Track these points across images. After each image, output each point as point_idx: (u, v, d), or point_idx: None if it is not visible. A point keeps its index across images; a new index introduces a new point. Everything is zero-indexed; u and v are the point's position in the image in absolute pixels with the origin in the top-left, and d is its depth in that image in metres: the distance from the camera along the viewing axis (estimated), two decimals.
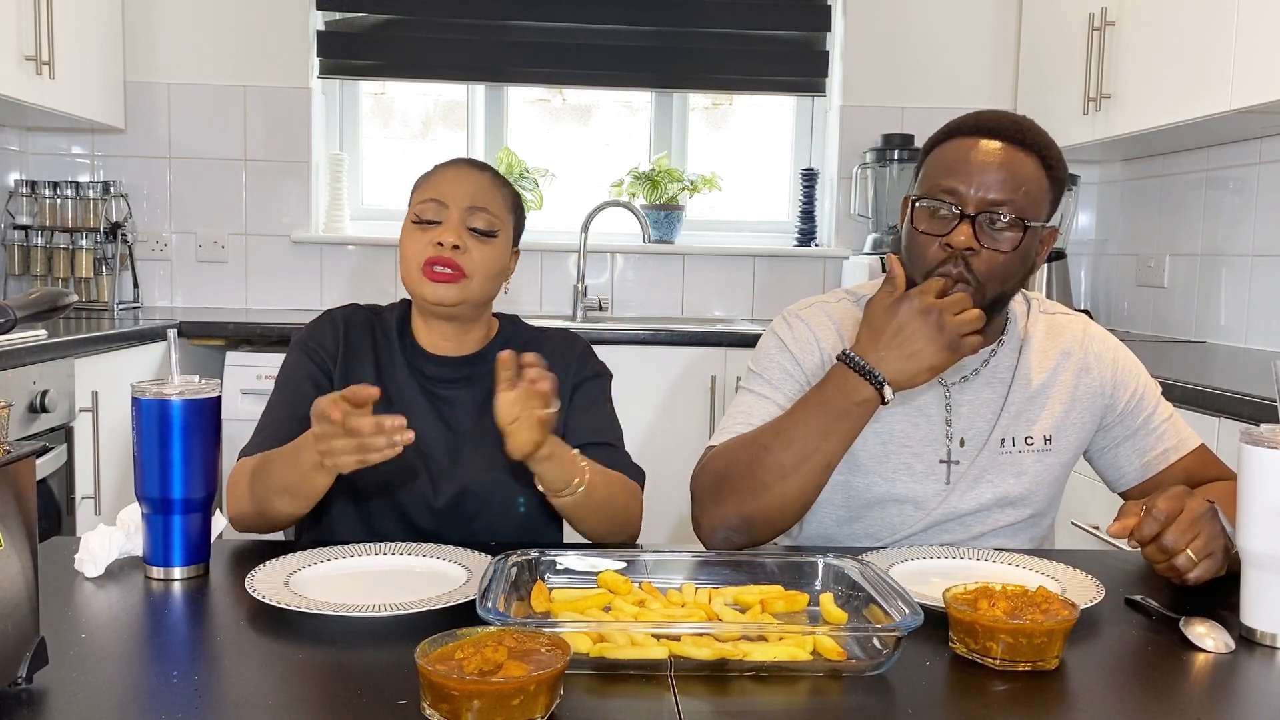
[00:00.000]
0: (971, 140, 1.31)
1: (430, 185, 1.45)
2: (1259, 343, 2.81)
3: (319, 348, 1.47)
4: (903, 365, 1.22)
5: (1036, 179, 1.31)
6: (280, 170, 3.52)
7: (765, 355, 1.45)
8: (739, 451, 1.32)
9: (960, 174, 1.29)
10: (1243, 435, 1.03)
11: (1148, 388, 1.45)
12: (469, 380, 1.47)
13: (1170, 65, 2.64)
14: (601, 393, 1.51)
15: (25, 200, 3.27)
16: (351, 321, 1.50)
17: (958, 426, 1.40)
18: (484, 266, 1.42)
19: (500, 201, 1.46)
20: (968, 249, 1.28)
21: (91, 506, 2.52)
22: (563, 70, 3.57)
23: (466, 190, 1.43)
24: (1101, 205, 3.62)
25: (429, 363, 1.47)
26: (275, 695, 0.88)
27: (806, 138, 3.79)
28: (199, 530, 1.16)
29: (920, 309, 1.22)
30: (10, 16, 2.66)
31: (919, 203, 1.32)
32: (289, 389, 1.44)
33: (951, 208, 1.29)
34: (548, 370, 1.19)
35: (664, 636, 0.92)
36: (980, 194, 1.28)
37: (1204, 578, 1.12)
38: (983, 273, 1.29)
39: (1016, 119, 1.34)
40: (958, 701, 0.90)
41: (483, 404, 1.44)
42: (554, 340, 1.53)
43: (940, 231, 1.30)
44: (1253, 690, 0.95)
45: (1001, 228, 1.29)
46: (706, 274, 3.63)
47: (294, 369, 1.46)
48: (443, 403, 1.46)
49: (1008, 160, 1.29)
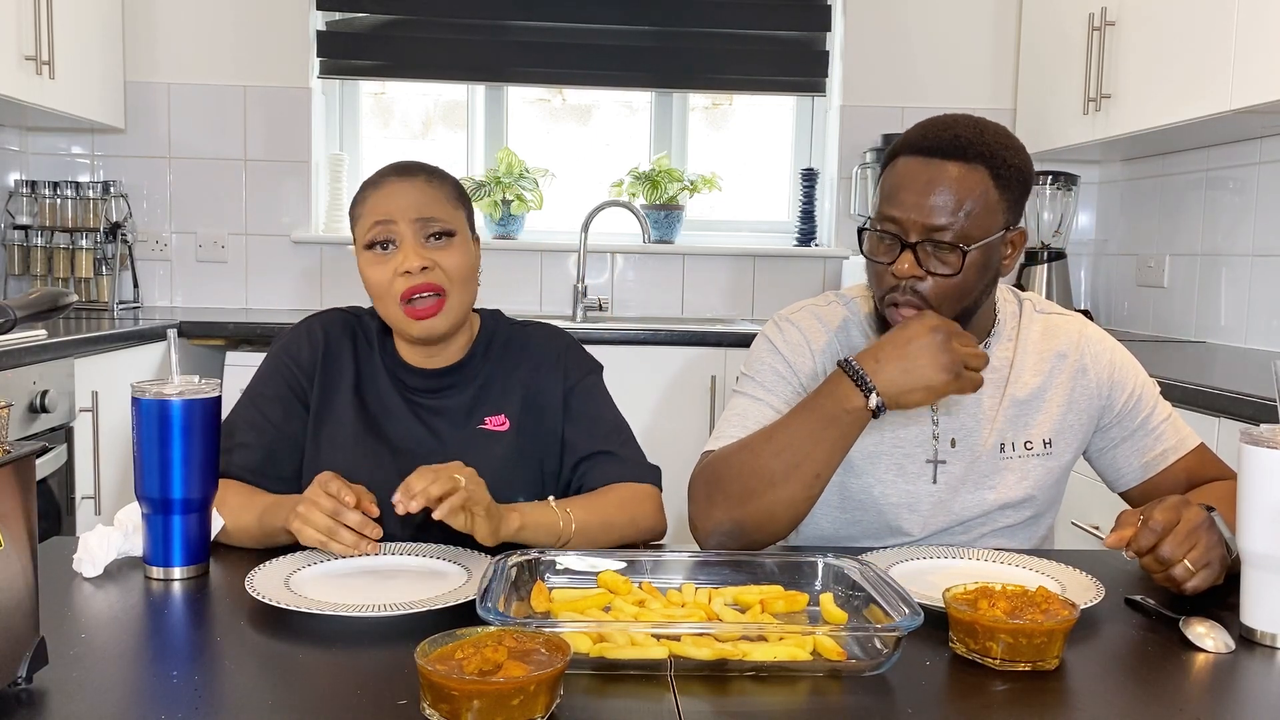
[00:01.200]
0: (914, 162, 1.29)
1: (371, 209, 1.38)
2: (1259, 343, 2.81)
3: (294, 364, 1.43)
4: (898, 378, 1.21)
5: (981, 193, 1.27)
6: (280, 170, 3.52)
7: (757, 359, 1.44)
8: (732, 456, 1.31)
9: (899, 201, 1.28)
10: (1243, 435, 1.03)
11: (1145, 388, 1.45)
12: (453, 388, 1.44)
13: (1170, 65, 2.64)
14: (593, 394, 1.48)
15: (25, 200, 3.27)
16: (331, 331, 1.46)
17: (947, 426, 1.39)
18: (456, 273, 1.37)
19: (444, 201, 1.40)
20: (912, 276, 1.28)
21: (91, 506, 2.52)
22: (563, 70, 3.57)
23: (409, 202, 1.37)
24: (1101, 205, 3.62)
25: (411, 374, 1.44)
26: (275, 695, 0.88)
27: (806, 138, 3.79)
28: (199, 530, 1.16)
29: (931, 325, 1.22)
30: (10, 16, 2.66)
31: (864, 231, 1.33)
32: (255, 407, 1.42)
33: (894, 236, 1.29)
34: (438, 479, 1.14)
35: (664, 636, 0.92)
36: (920, 219, 1.26)
37: (1201, 587, 1.11)
38: (934, 296, 1.29)
39: (961, 131, 1.29)
40: (958, 701, 0.90)
41: (470, 408, 1.43)
42: (536, 338, 1.50)
43: (887, 260, 1.29)
44: (1253, 690, 0.95)
45: (945, 252, 1.27)
46: (706, 274, 3.63)
47: (265, 384, 1.43)
48: (427, 412, 1.43)
49: (947, 181, 1.26)
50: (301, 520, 1.16)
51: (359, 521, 1.17)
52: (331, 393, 1.43)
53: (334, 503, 1.16)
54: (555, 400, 1.45)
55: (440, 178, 1.42)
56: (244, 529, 1.26)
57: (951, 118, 1.33)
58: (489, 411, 1.44)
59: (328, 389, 1.43)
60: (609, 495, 1.38)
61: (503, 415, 1.44)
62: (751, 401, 1.41)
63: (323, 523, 1.16)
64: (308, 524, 1.16)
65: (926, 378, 1.21)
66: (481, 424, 1.43)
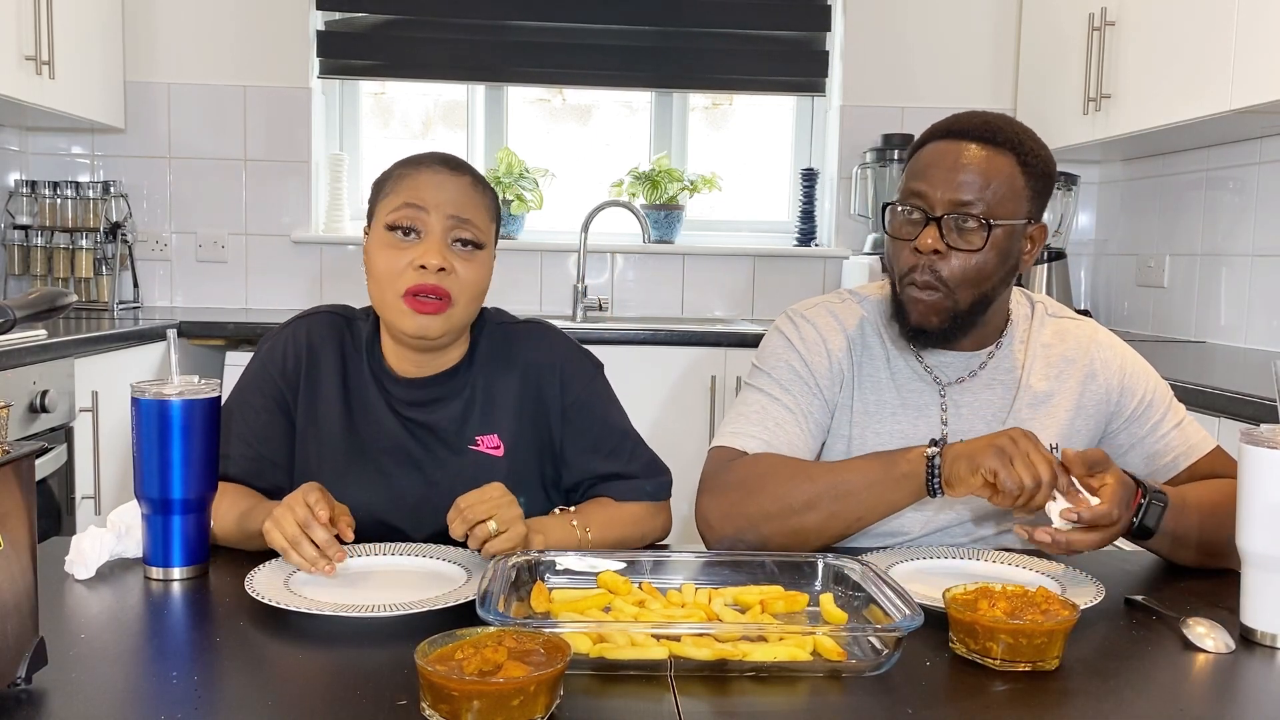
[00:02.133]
0: (943, 143, 1.32)
1: (407, 187, 1.30)
2: (1259, 343, 2.81)
3: (279, 376, 1.37)
4: (960, 448, 1.19)
5: (1008, 176, 1.30)
6: (280, 170, 3.52)
7: (772, 354, 1.43)
8: (771, 474, 1.30)
9: (927, 177, 1.31)
10: (1243, 435, 1.03)
11: (1157, 394, 1.43)
12: (441, 400, 1.37)
13: (1170, 65, 2.64)
14: (595, 404, 1.41)
15: (25, 200, 3.27)
16: (315, 335, 1.39)
17: (955, 428, 1.39)
18: (470, 288, 1.30)
19: (484, 211, 1.33)
20: (934, 251, 1.29)
21: (91, 506, 2.52)
22: (563, 70, 3.57)
23: (449, 197, 1.29)
24: (1101, 205, 3.62)
25: (397, 385, 1.37)
26: (275, 695, 0.88)
27: (806, 138, 3.79)
28: (199, 530, 1.16)
29: (1019, 434, 1.16)
30: (10, 16, 2.66)
31: (889, 208, 1.34)
32: (242, 418, 1.37)
33: (920, 211, 1.30)
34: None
35: (664, 637, 0.92)
36: (946, 195, 1.29)
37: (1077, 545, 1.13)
38: (954, 276, 1.30)
39: (991, 119, 1.33)
40: (958, 701, 0.90)
41: (460, 423, 1.37)
42: (528, 345, 1.41)
43: (910, 236, 1.31)
44: (1253, 690, 0.95)
45: (970, 228, 1.29)
46: (706, 274, 3.63)
47: (250, 393, 1.38)
48: (417, 427, 1.36)
49: (976, 160, 1.29)
50: (273, 523, 1.13)
51: (324, 540, 1.12)
52: (316, 401, 1.37)
53: (307, 514, 1.13)
54: (554, 413, 1.39)
55: (485, 187, 1.35)
56: (225, 531, 1.25)
57: (985, 112, 1.36)
58: (481, 429, 1.37)
59: (313, 393, 1.37)
60: (624, 511, 1.37)
61: (495, 436, 1.37)
62: (769, 399, 1.39)
63: (290, 531, 1.12)
64: (276, 528, 1.13)
65: (976, 446, 1.17)
66: (474, 444, 1.37)
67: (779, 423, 1.36)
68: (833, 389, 1.40)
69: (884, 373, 1.41)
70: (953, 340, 1.37)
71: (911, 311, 1.34)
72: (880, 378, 1.41)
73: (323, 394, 1.38)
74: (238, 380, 1.41)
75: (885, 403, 1.40)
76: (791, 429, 1.37)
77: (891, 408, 1.39)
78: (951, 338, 1.36)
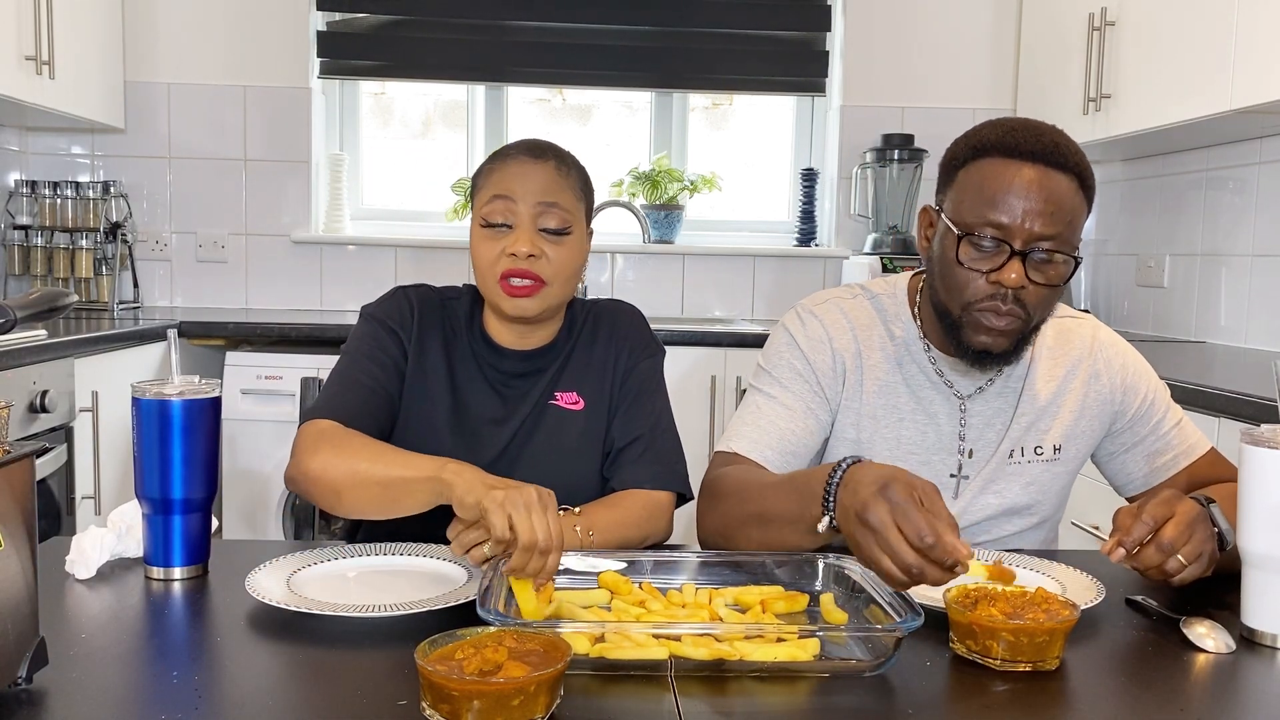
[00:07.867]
0: (1011, 165, 1.24)
1: (495, 181, 1.38)
2: (1259, 343, 2.81)
3: (397, 327, 1.43)
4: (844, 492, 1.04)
5: (1078, 204, 1.25)
6: (280, 170, 3.52)
7: (775, 352, 1.42)
8: (734, 491, 1.27)
9: (1004, 207, 1.23)
10: (1243, 435, 1.03)
11: (1157, 393, 1.43)
12: (539, 372, 1.46)
13: (1170, 65, 2.64)
14: (645, 379, 1.47)
15: (25, 200, 3.28)
16: (424, 305, 1.46)
17: (969, 439, 1.38)
18: (563, 269, 1.38)
19: (570, 193, 1.40)
20: (1019, 287, 1.24)
21: (91, 506, 2.52)
22: (563, 70, 3.57)
23: (534, 185, 1.37)
24: (1101, 205, 3.62)
25: (500, 357, 1.45)
26: (275, 695, 0.88)
27: (806, 138, 3.79)
28: (199, 530, 1.16)
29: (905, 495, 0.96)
30: (10, 16, 2.66)
31: (965, 237, 1.26)
32: (365, 355, 1.40)
33: (999, 244, 1.24)
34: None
35: (664, 637, 0.92)
36: (1028, 227, 1.22)
37: (1189, 579, 1.11)
38: (1033, 306, 1.26)
39: (1051, 135, 1.26)
40: (958, 701, 0.90)
41: (543, 392, 1.45)
42: (608, 313, 1.51)
43: (986, 268, 1.25)
44: (1253, 690, 0.95)
45: (1050, 262, 1.24)
46: (706, 274, 3.63)
47: (369, 340, 1.42)
48: (510, 396, 1.44)
49: (1051, 189, 1.23)
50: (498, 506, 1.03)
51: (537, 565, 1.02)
52: (424, 364, 1.43)
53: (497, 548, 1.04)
54: (616, 379, 1.47)
55: (570, 165, 1.43)
56: (365, 477, 1.20)
57: (1033, 122, 1.29)
58: (563, 387, 1.46)
59: (421, 362, 1.43)
60: (630, 510, 1.36)
61: (575, 393, 1.46)
62: (766, 400, 1.39)
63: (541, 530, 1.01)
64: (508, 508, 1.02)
65: (856, 494, 1.00)
66: (553, 399, 1.44)
67: (774, 422, 1.36)
68: (835, 386, 1.39)
69: (895, 375, 1.39)
70: (1011, 358, 1.33)
71: (980, 334, 1.28)
72: (891, 380, 1.39)
73: (430, 361, 1.44)
74: (345, 345, 1.45)
75: (897, 407, 1.38)
76: (786, 425, 1.36)
77: (902, 412, 1.38)
78: (1012, 357, 1.32)
